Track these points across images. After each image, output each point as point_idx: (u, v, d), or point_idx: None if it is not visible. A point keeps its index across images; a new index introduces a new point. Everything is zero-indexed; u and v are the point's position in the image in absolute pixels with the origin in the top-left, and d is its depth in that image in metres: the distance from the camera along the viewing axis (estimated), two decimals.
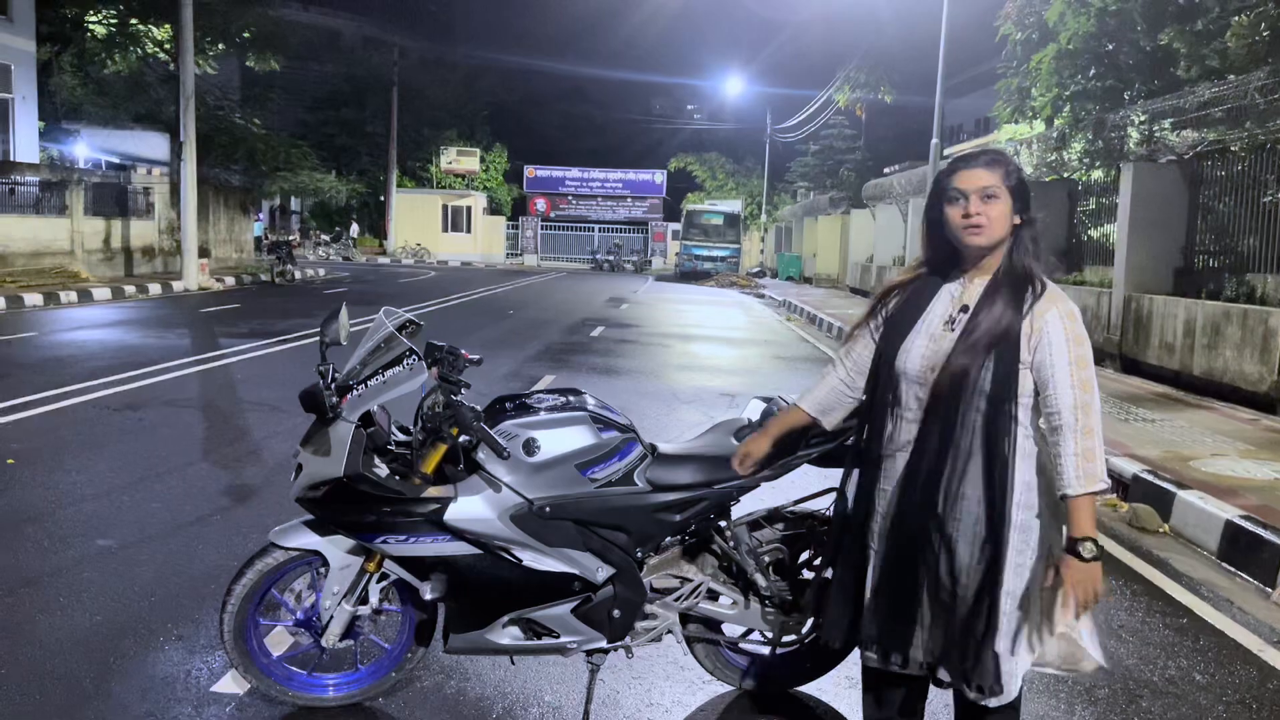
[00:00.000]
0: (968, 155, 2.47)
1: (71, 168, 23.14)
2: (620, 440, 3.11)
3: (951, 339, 2.42)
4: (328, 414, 2.87)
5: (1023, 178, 2.44)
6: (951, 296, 2.50)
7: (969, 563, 2.39)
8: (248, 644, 3.09)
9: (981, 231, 2.38)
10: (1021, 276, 2.41)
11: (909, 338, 2.49)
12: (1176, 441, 7.52)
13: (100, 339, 12.73)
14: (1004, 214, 2.40)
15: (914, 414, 2.47)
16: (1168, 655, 4.05)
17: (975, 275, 2.48)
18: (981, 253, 2.44)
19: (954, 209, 2.41)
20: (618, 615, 3.14)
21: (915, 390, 2.46)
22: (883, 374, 2.55)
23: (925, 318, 2.50)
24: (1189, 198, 11.18)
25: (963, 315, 2.43)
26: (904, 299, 2.58)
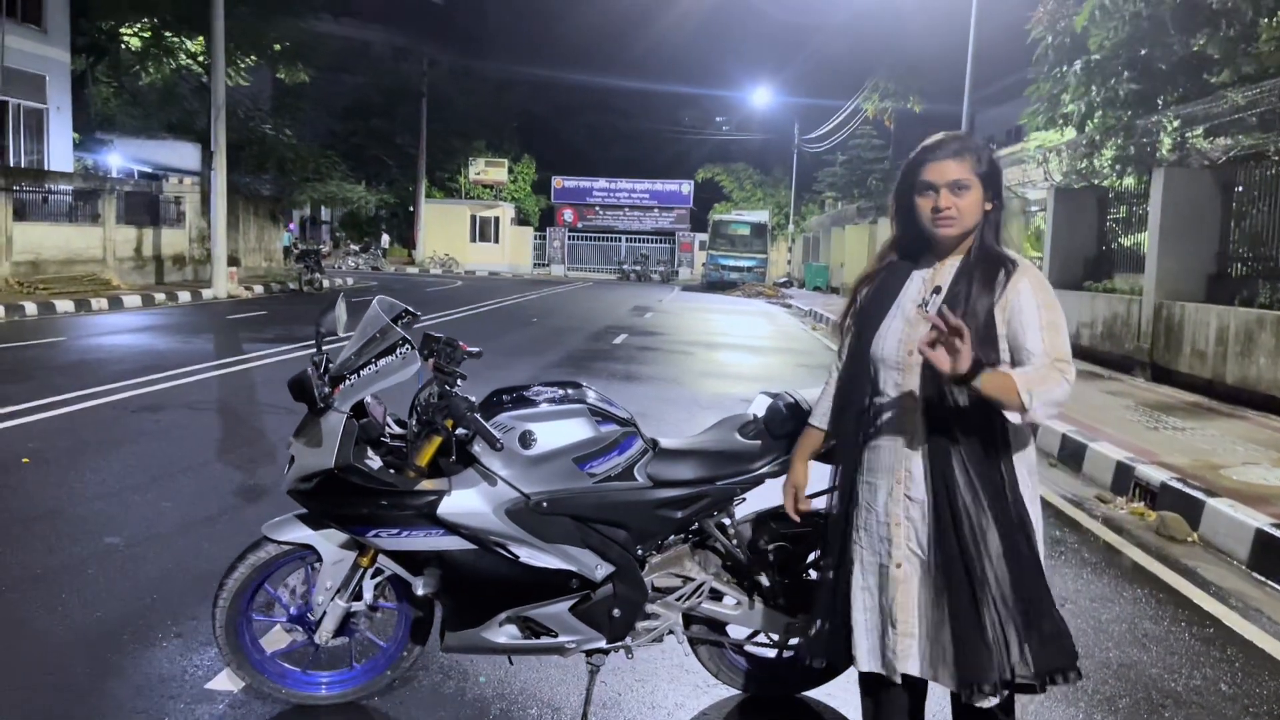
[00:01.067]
0: (935, 144, 2.39)
1: (104, 177, 23.47)
2: (620, 434, 3.04)
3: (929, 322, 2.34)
4: (317, 403, 2.82)
5: (994, 161, 2.38)
6: (923, 280, 2.45)
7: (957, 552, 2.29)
8: (240, 640, 3.04)
9: (953, 223, 2.35)
10: (994, 257, 2.37)
11: (884, 323, 2.45)
12: (1207, 450, 7.33)
13: (126, 344, 12.84)
14: (975, 203, 2.35)
15: (893, 401, 2.41)
16: (1193, 665, 3.91)
17: (948, 257, 2.43)
18: (952, 241, 2.40)
19: (924, 200, 2.36)
20: (618, 614, 3.06)
21: (893, 376, 2.41)
22: (860, 366, 2.50)
23: (899, 302, 2.46)
24: (1222, 203, 10.95)
25: (935, 296, 2.39)
26: (875, 287, 2.53)
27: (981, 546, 2.28)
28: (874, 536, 2.43)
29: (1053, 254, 14.47)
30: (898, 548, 2.38)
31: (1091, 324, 13.09)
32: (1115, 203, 14.30)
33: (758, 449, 3.11)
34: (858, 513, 2.49)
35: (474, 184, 49.96)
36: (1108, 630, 4.23)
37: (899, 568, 2.37)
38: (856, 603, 2.46)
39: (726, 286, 36.35)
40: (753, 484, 3.10)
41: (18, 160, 22.54)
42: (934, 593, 2.33)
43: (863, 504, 2.47)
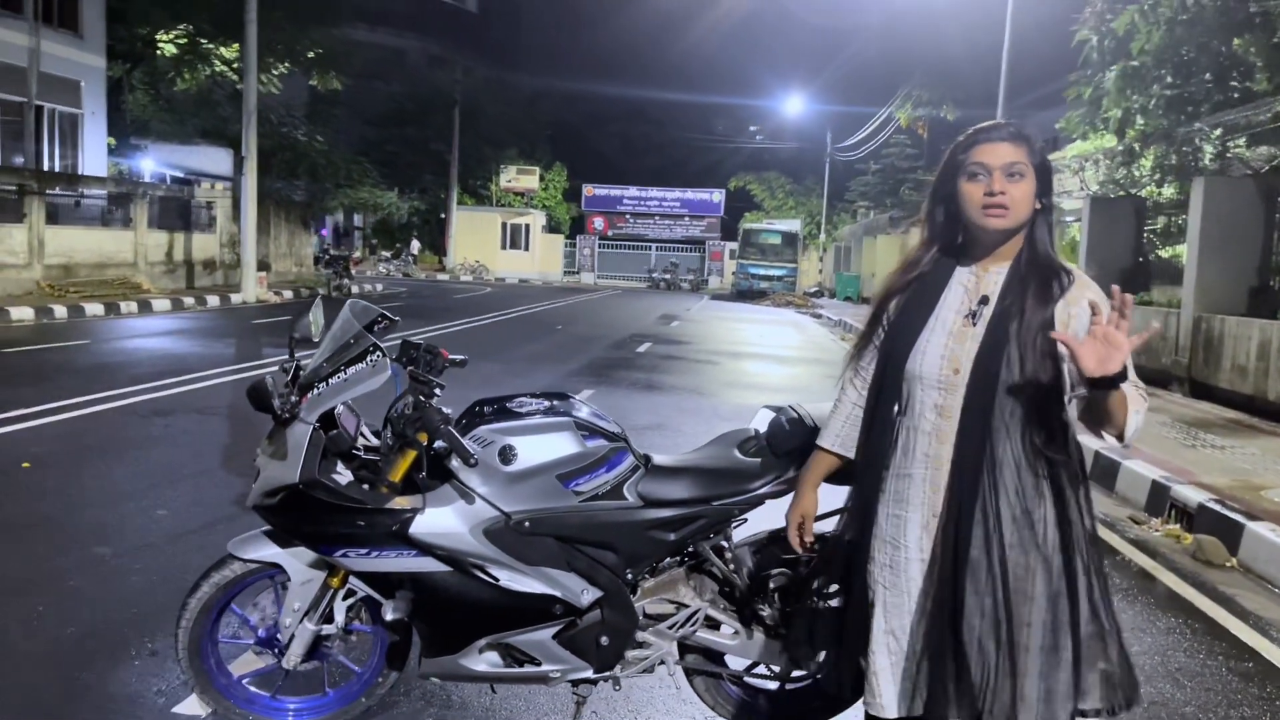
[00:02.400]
0: (989, 126, 2.16)
1: (137, 182, 23.67)
2: (608, 450, 2.84)
3: (976, 334, 2.11)
4: (276, 412, 2.65)
5: (1046, 157, 2.14)
6: (965, 287, 2.19)
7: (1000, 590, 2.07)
8: (204, 662, 2.87)
9: (1005, 214, 2.08)
10: (1046, 264, 2.12)
11: (922, 336, 2.17)
12: (1248, 470, 7.01)
13: (149, 347, 12.83)
14: (1028, 195, 2.10)
15: (931, 424, 2.15)
16: (1229, 703, 3.64)
17: (990, 263, 2.17)
18: (999, 237, 2.14)
19: (974, 186, 2.10)
20: (605, 643, 2.86)
21: (933, 396, 2.15)
22: (889, 380, 2.24)
23: (938, 312, 2.18)
24: (1265, 214, 10.58)
25: (983, 307, 2.13)
26: (908, 296, 2.26)
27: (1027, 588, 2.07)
28: (902, 575, 2.19)
29: (1088, 265, 14.09)
30: (932, 584, 2.15)
31: None
32: (1153, 213, 13.93)
33: (758, 467, 2.90)
34: (879, 547, 2.25)
35: (505, 191, 50.04)
36: (1139, 664, 3.94)
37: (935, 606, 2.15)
38: (878, 646, 2.23)
39: (756, 295, 36.07)
40: (751, 505, 2.89)
41: (52, 165, 22.79)
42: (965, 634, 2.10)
43: (887, 538, 2.23)
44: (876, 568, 2.26)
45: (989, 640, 2.09)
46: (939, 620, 2.16)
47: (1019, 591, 2.08)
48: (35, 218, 18.60)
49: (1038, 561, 2.08)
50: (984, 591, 2.09)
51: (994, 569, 2.09)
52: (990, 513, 2.09)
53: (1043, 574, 2.08)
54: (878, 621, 2.24)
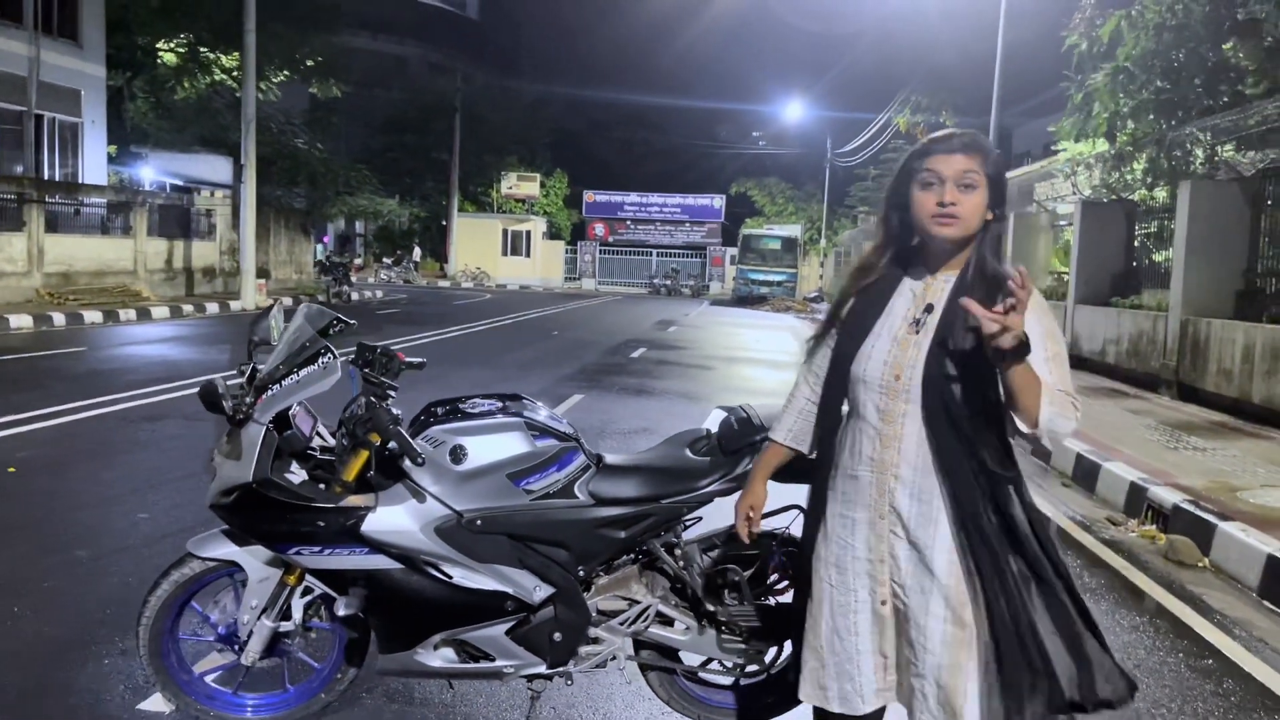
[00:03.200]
0: (944, 135, 2.20)
1: (136, 190, 23.79)
2: (559, 449, 2.90)
3: (920, 343, 2.16)
4: (228, 413, 2.72)
5: (1000, 168, 2.17)
6: (913, 294, 2.23)
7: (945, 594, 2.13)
8: (165, 659, 2.94)
9: (955, 223, 2.12)
10: (993, 275, 2.14)
11: (868, 340, 2.22)
12: (1226, 471, 7.05)
13: (145, 354, 12.92)
14: (979, 206, 2.13)
15: (874, 428, 2.20)
16: (1184, 699, 3.69)
17: (940, 271, 2.22)
18: (950, 246, 2.18)
19: (926, 194, 2.13)
20: (558, 639, 2.92)
21: (875, 399, 2.19)
22: (837, 382, 2.28)
23: (885, 318, 2.23)
24: (1251, 217, 10.61)
25: (927, 315, 2.18)
26: (859, 300, 2.30)
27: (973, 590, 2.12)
28: (849, 574, 2.24)
29: (1080, 269, 14.15)
30: (882, 585, 2.20)
31: (1117, 340, 12.76)
32: (1144, 217, 13.97)
33: (707, 466, 2.97)
34: (828, 546, 2.29)
35: (506, 198, 50.17)
36: None
37: (884, 605, 2.21)
38: (824, 644, 2.27)
39: (756, 301, 36.13)
40: (700, 503, 2.95)
41: (52, 173, 22.93)
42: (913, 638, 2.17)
43: (834, 538, 2.27)
44: (824, 566, 2.30)
45: (935, 639, 2.13)
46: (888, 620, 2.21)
47: (961, 593, 2.13)
48: (35, 226, 18.73)
49: (984, 564, 2.12)
50: (929, 591, 2.14)
51: (937, 570, 2.13)
52: (933, 517, 2.14)
53: (989, 575, 2.12)
54: (825, 620, 2.29)
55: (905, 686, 2.21)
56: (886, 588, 2.20)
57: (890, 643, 2.22)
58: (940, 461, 2.13)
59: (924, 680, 2.15)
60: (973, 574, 2.12)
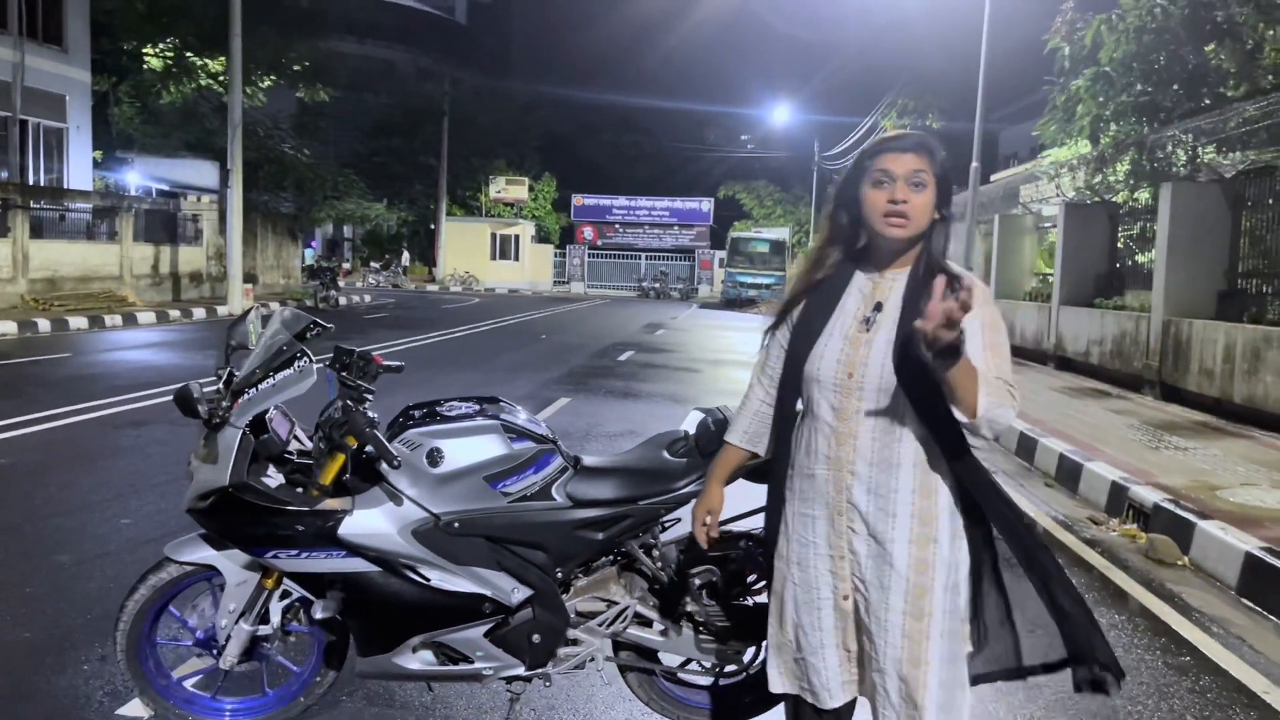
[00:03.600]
0: (896, 135, 2.24)
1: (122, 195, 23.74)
2: (536, 452, 2.92)
3: (870, 340, 2.20)
4: (204, 418, 2.72)
5: (947, 169, 2.22)
6: (863, 293, 2.27)
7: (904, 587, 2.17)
8: (143, 664, 2.94)
9: (906, 223, 2.16)
10: (943, 273, 2.16)
11: (821, 339, 2.26)
12: (1206, 470, 7.10)
13: (131, 359, 12.88)
14: (928, 205, 2.17)
15: (829, 426, 2.24)
16: (1160, 696, 3.72)
17: (888, 270, 2.26)
18: (899, 245, 2.22)
19: (878, 193, 2.17)
20: (537, 640, 2.93)
21: (829, 397, 2.23)
22: (792, 381, 2.32)
23: (837, 317, 2.27)
24: (1231, 219, 10.70)
25: (877, 314, 2.22)
26: (809, 300, 2.33)
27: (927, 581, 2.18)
28: (811, 570, 2.27)
29: (1064, 270, 14.23)
30: (843, 581, 2.24)
31: (1101, 341, 12.84)
32: (1127, 218, 14.07)
33: (684, 467, 2.99)
34: (789, 544, 2.33)
35: (495, 202, 50.13)
36: None
37: (846, 599, 2.25)
38: (790, 640, 2.33)
39: (745, 304, 36.17)
40: (677, 504, 2.97)
41: (36, 179, 22.84)
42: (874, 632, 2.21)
43: (795, 536, 2.31)
44: (786, 563, 2.34)
45: (896, 632, 2.18)
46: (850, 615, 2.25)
47: (919, 584, 2.17)
48: (20, 232, 18.65)
49: (934, 555, 2.18)
50: (889, 586, 2.18)
51: (896, 563, 2.18)
52: (891, 510, 2.19)
53: (941, 566, 2.18)
54: (789, 616, 2.32)
55: (868, 681, 2.24)
56: (848, 583, 2.24)
57: (853, 637, 2.27)
58: (863, 453, 2.19)
59: (885, 675, 2.19)
60: (931, 565, 2.17)
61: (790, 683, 2.35)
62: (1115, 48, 12.78)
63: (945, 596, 2.18)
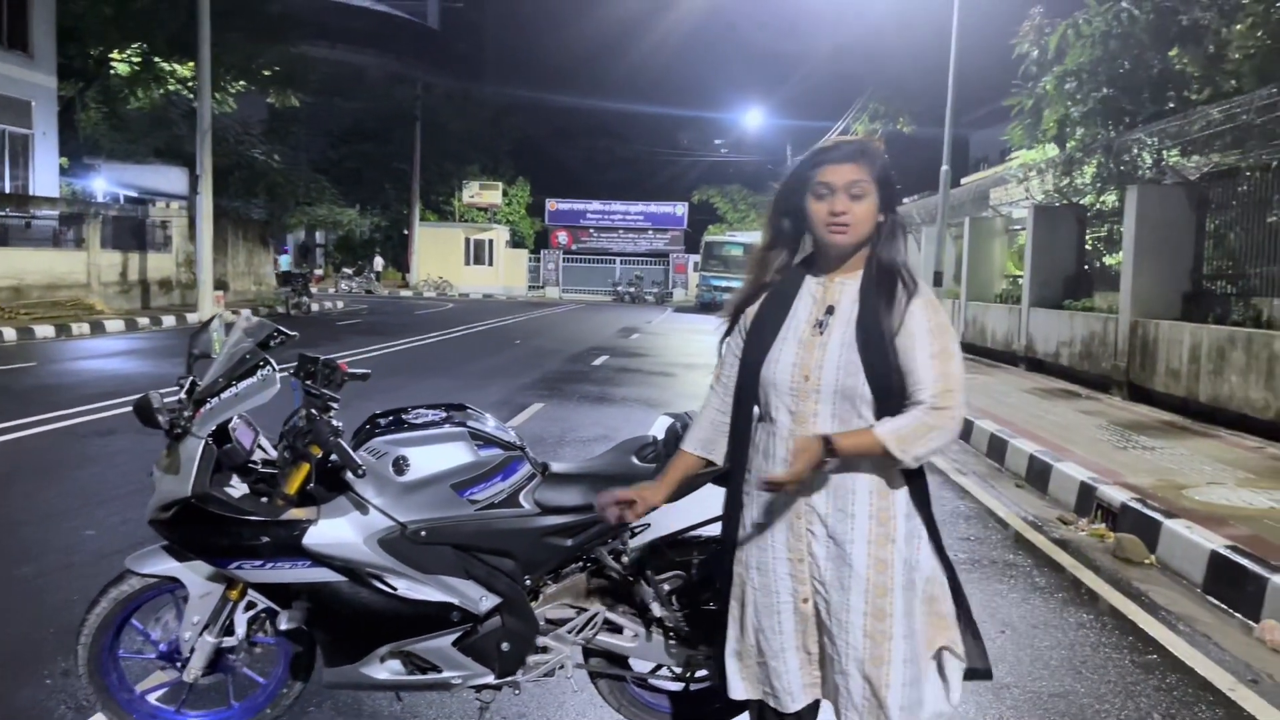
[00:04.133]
0: (833, 146, 2.27)
1: (89, 202, 23.43)
2: (503, 458, 2.91)
3: (823, 343, 2.23)
4: (164, 428, 2.69)
5: (888, 172, 2.25)
6: (814, 297, 2.30)
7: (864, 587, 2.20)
8: (105, 678, 2.90)
9: (847, 230, 2.20)
10: (891, 275, 2.23)
11: (775, 345, 2.28)
12: (1173, 469, 7.19)
13: (98, 368, 12.73)
14: (870, 212, 2.21)
15: (786, 430, 2.25)
16: (1127, 694, 3.75)
17: (837, 274, 2.29)
18: (844, 251, 2.25)
19: (820, 205, 2.21)
20: (506, 648, 2.92)
21: (785, 401, 2.25)
22: (747, 387, 2.33)
23: (790, 321, 2.29)
24: (1196, 220, 10.85)
25: (829, 317, 2.25)
26: (760, 307, 2.35)
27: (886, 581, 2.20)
28: (771, 574, 2.28)
29: (1033, 272, 14.37)
30: (802, 584, 2.26)
31: (1070, 342, 12.96)
32: (1095, 221, 14.22)
33: (651, 472, 2.97)
34: (747, 549, 2.34)
35: (468, 207, 49.95)
36: (1045, 658, 4.08)
37: (805, 603, 2.26)
38: (751, 644, 2.34)
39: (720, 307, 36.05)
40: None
41: (1, 186, 22.52)
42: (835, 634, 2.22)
43: (753, 541, 2.32)
44: (745, 568, 2.35)
45: (857, 632, 2.19)
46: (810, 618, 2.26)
47: (879, 584, 2.20)
48: None
49: (893, 555, 2.21)
50: (849, 586, 2.20)
51: (856, 564, 2.20)
52: (849, 511, 2.21)
53: (900, 565, 2.21)
54: (750, 620, 2.33)
55: (830, 682, 2.25)
56: (807, 585, 2.26)
57: (814, 639, 2.28)
58: None
59: (848, 676, 2.20)
60: (890, 565, 2.20)
61: (753, 688, 2.35)
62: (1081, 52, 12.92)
63: (904, 596, 2.21)
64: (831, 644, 2.23)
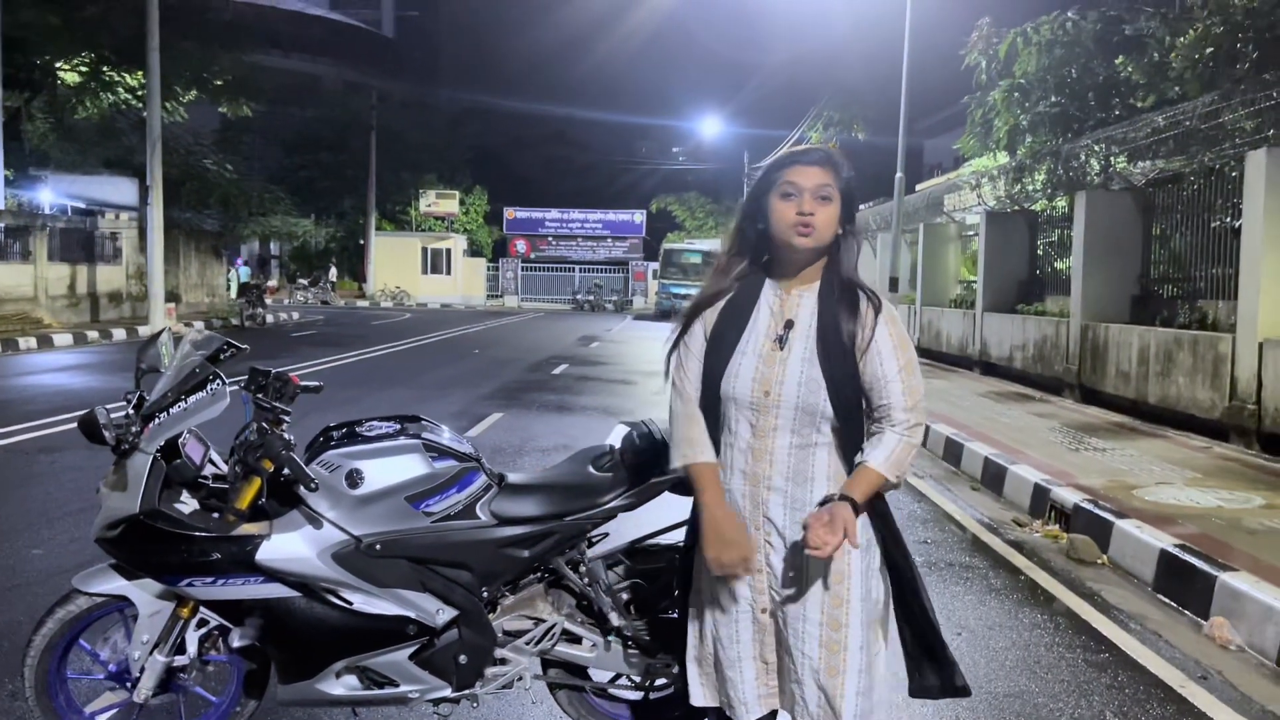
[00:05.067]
0: (803, 150, 2.29)
1: (35, 214, 22.94)
2: (458, 470, 2.89)
3: (783, 358, 2.23)
4: (111, 444, 2.65)
5: (852, 186, 2.26)
6: (772, 311, 2.30)
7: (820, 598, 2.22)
8: (53, 700, 2.84)
9: (811, 233, 2.20)
10: (850, 289, 2.25)
11: (734, 359, 2.27)
12: (1123, 470, 7.32)
13: (45, 383, 12.47)
14: (833, 218, 2.23)
15: (746, 442, 2.26)
16: (1080, 693, 3.81)
17: (795, 285, 2.29)
18: (803, 258, 2.26)
19: (786, 205, 2.21)
20: (464, 661, 2.89)
21: (746, 415, 2.26)
22: (708, 400, 2.32)
23: (748, 335, 2.28)
24: (1143, 225, 11.09)
25: (789, 331, 2.25)
26: (719, 316, 2.33)
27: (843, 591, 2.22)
28: (729, 584, 2.29)
29: (987, 277, 14.58)
30: (761, 594, 2.27)
31: (1023, 346, 13.17)
32: (1046, 226, 14.47)
33: (609, 481, 2.97)
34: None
35: (425, 216, 49.68)
36: (1000, 659, 4.13)
37: (764, 613, 2.28)
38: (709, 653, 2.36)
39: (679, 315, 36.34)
40: (603, 518, 2.96)
41: None
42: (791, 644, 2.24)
43: None
44: (703, 577, 2.35)
45: (813, 643, 2.21)
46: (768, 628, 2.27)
47: (836, 594, 2.22)
48: None
49: (850, 565, 2.22)
50: (806, 597, 2.22)
51: (812, 575, 2.22)
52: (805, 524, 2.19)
53: (857, 577, 2.23)
54: (708, 629, 2.34)
55: (787, 693, 2.27)
56: (765, 596, 2.27)
57: (771, 649, 2.29)
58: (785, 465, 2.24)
59: (803, 685, 2.22)
60: (846, 576, 2.21)
61: (711, 695, 2.36)
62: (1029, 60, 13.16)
63: (861, 607, 2.23)
64: (788, 654, 2.24)
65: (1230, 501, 6.36)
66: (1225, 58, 10.65)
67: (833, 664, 2.20)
